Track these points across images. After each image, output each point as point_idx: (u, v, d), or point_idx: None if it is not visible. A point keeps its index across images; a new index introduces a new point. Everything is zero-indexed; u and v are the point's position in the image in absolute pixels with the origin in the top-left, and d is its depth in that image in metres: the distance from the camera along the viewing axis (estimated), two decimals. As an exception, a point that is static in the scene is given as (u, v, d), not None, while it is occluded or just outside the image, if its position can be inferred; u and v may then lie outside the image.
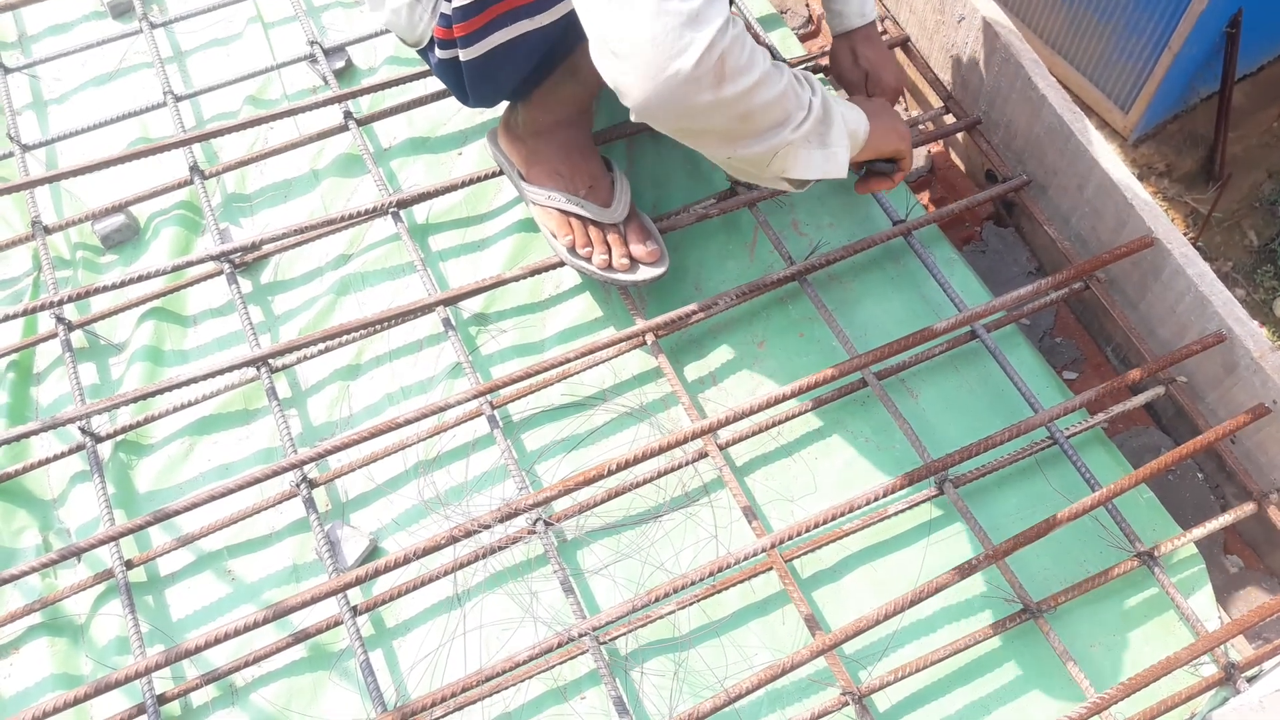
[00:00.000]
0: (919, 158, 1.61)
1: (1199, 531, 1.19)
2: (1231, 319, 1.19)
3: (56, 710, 1.03)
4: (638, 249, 1.28)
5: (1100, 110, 1.70)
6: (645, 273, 1.28)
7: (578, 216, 1.29)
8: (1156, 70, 1.55)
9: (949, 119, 1.54)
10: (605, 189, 1.30)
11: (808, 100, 0.98)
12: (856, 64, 1.38)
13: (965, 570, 1.09)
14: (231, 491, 1.16)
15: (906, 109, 1.69)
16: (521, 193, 1.35)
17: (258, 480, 1.17)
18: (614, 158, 1.47)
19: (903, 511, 1.21)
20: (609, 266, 1.28)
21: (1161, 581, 1.16)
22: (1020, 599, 1.14)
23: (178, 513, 1.15)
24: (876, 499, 1.14)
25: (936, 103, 1.57)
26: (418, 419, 1.21)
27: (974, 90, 1.49)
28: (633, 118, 0.91)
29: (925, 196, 1.60)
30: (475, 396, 1.24)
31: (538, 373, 1.26)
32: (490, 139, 1.39)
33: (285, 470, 1.17)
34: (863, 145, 1.13)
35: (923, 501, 1.21)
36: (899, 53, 1.60)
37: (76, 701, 1.02)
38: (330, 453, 1.19)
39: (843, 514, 1.13)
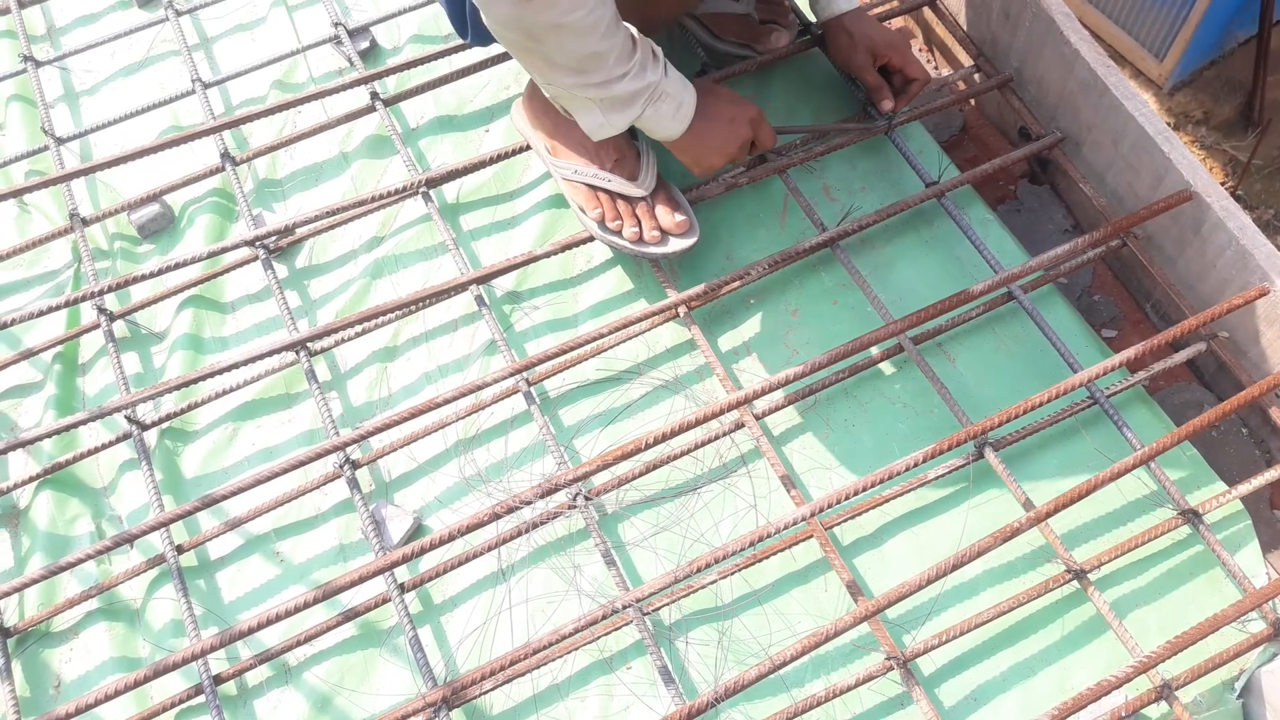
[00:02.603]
0: (950, 117, 1.59)
1: (1244, 488, 1.18)
2: (1275, 271, 1.17)
3: (119, 693, 1.06)
4: (667, 221, 1.28)
5: (1134, 59, 1.67)
6: (676, 244, 1.28)
7: (606, 191, 1.29)
8: (1192, 15, 1.51)
9: (979, 77, 1.52)
10: (632, 161, 1.30)
11: (615, 76, 1.09)
12: (856, 46, 1.36)
13: (1007, 533, 1.08)
14: (277, 474, 1.18)
15: (937, 68, 1.66)
16: (549, 167, 1.35)
17: (302, 463, 1.19)
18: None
19: (943, 476, 1.20)
20: (640, 240, 1.28)
21: (1207, 539, 1.15)
22: (1063, 560, 1.14)
23: (226, 497, 1.18)
24: (916, 464, 1.13)
25: (967, 61, 1.55)
26: (456, 398, 1.23)
27: (1004, 47, 1.46)
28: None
29: (958, 156, 1.58)
30: (512, 374, 1.24)
31: (572, 348, 1.27)
32: (515, 112, 1.39)
33: (329, 452, 1.19)
34: (663, 140, 1.21)
35: (963, 466, 1.20)
36: (927, 11, 1.57)
37: (137, 684, 1.05)
38: (372, 434, 1.21)
39: (882, 480, 1.13)
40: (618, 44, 1.07)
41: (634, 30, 1.11)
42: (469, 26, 1.25)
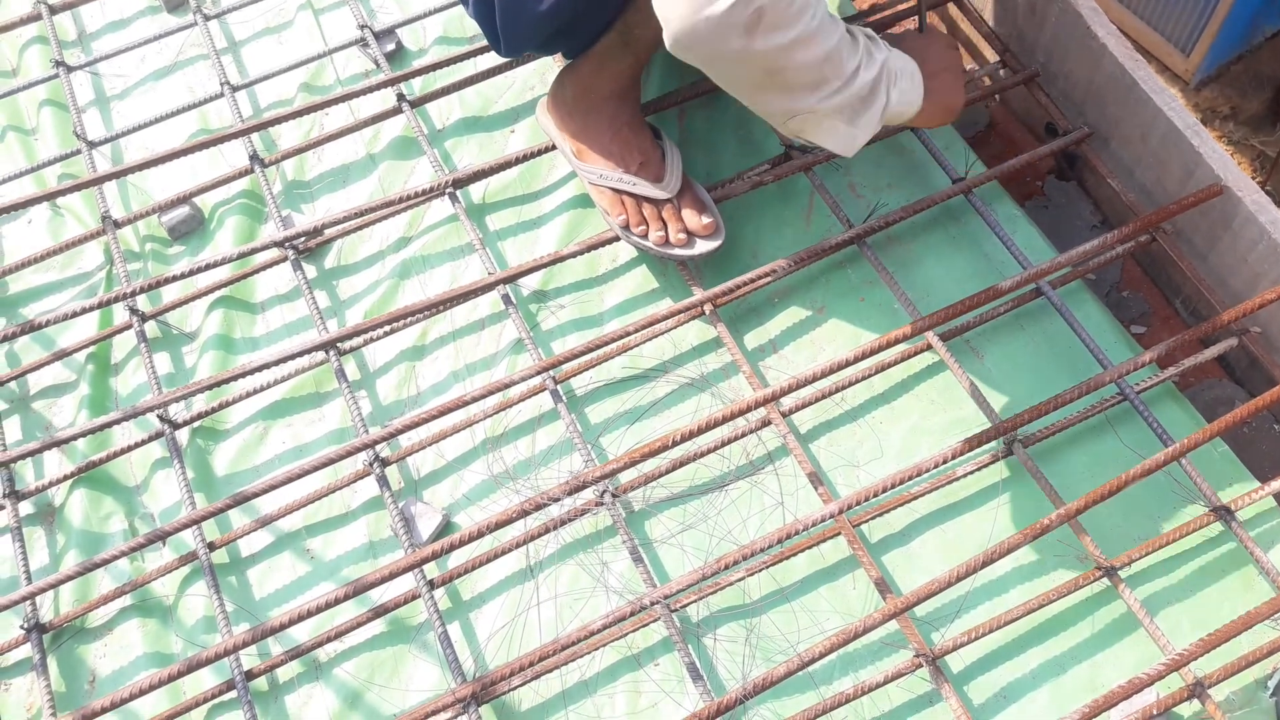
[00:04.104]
0: (976, 113, 1.58)
1: (1277, 484, 1.16)
2: (1307, 266, 1.16)
3: (152, 687, 1.07)
4: (694, 223, 1.28)
5: (1160, 54, 1.66)
6: (702, 246, 1.28)
7: (630, 195, 1.29)
8: (1218, 9, 1.50)
9: (1005, 73, 1.51)
10: (657, 164, 1.30)
11: (851, 71, 0.99)
12: None
13: (1037, 530, 1.08)
14: (307, 472, 1.19)
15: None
16: (575, 169, 1.35)
17: (331, 461, 1.20)
18: (666, 125, 1.47)
19: (971, 473, 1.20)
20: (666, 243, 1.28)
21: (1239, 536, 1.14)
22: (1094, 558, 1.13)
23: (257, 494, 1.19)
24: (945, 461, 1.13)
25: (992, 57, 1.54)
26: (483, 395, 1.23)
27: (1031, 42, 1.46)
28: (668, 46, 0.93)
29: (984, 153, 1.57)
30: (538, 372, 1.25)
31: (598, 346, 1.27)
32: (541, 113, 1.40)
33: (358, 450, 1.20)
34: (907, 120, 1.13)
35: (992, 463, 1.20)
36: (952, 7, 1.57)
37: (170, 679, 1.06)
38: (400, 432, 1.21)
39: (910, 477, 1.13)
40: (841, 34, 0.97)
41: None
42: (500, 40, 1.24)
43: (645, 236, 1.29)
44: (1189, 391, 1.32)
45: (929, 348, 1.27)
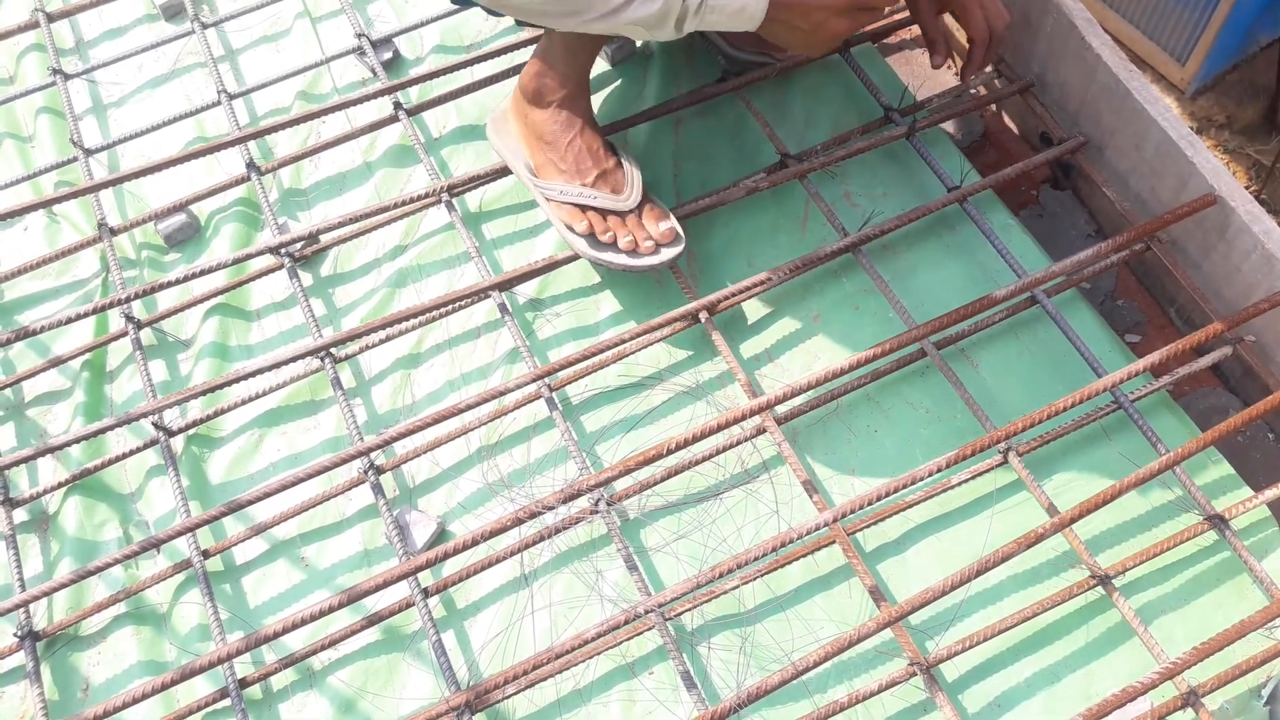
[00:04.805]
0: (972, 123, 1.59)
1: (1271, 493, 1.16)
2: (1300, 275, 1.16)
3: (145, 696, 1.07)
4: (655, 231, 1.28)
5: (1155, 63, 1.67)
6: (666, 254, 1.28)
7: (593, 208, 1.29)
8: (1214, 19, 1.51)
9: (1000, 83, 1.52)
10: (615, 175, 1.30)
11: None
12: None
13: (1031, 539, 1.08)
14: (301, 479, 1.19)
15: (957, 74, 1.66)
16: (530, 187, 1.34)
17: (326, 468, 1.20)
18: (661, 134, 1.48)
19: (966, 482, 1.20)
20: (635, 250, 1.27)
21: (1233, 545, 1.14)
22: (1088, 566, 1.13)
23: (251, 502, 1.19)
24: (939, 470, 1.14)
25: (987, 67, 1.54)
26: (479, 403, 1.23)
27: (1025, 52, 1.46)
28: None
29: (979, 162, 1.58)
30: (534, 380, 1.25)
31: (594, 354, 1.27)
32: (491, 133, 1.39)
33: (353, 457, 1.20)
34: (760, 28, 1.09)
35: (986, 471, 1.20)
36: (947, 17, 1.57)
37: (164, 687, 1.06)
38: (395, 439, 1.22)
39: (905, 486, 1.13)
40: None
41: None
42: None
43: (614, 244, 1.28)
44: (1183, 400, 1.32)
45: (924, 356, 1.27)
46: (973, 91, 1.53)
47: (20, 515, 1.31)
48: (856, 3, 1.09)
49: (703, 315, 1.30)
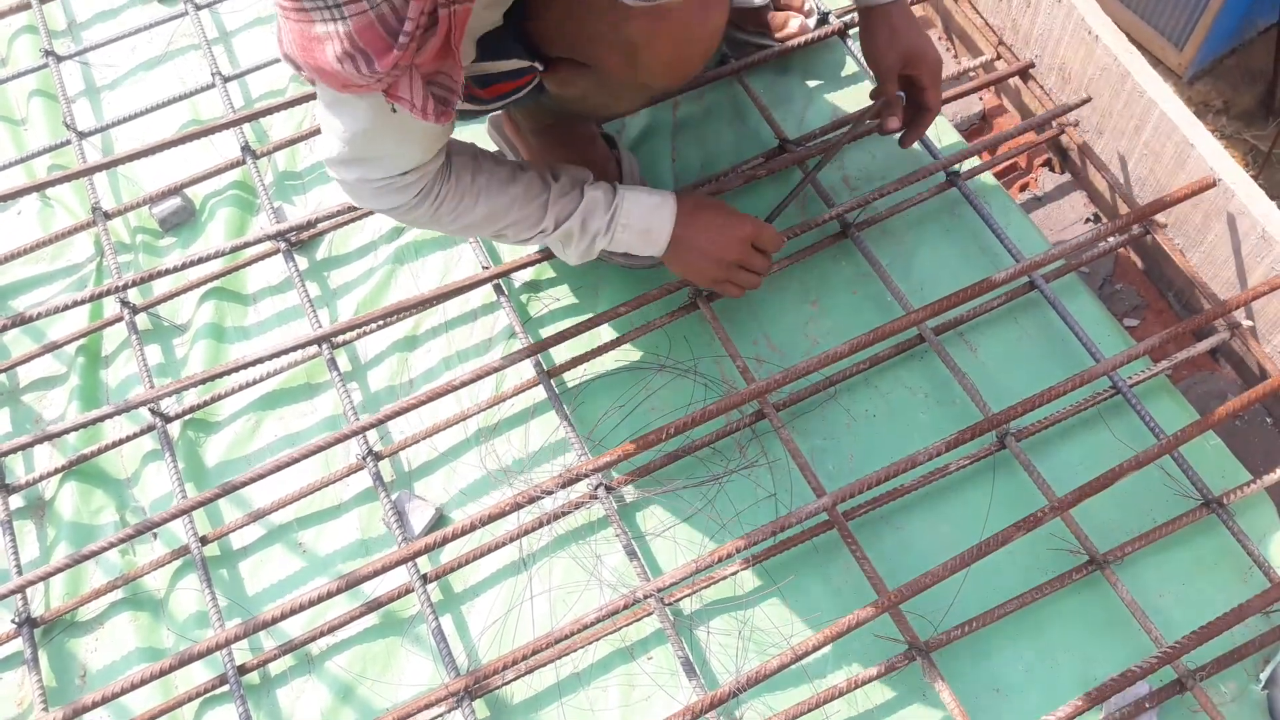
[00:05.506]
0: (970, 104, 1.58)
1: (1269, 477, 1.17)
2: (1300, 260, 1.16)
3: (144, 682, 1.07)
4: None
5: (1153, 48, 1.66)
6: None
7: None
8: (1211, 3, 1.50)
9: (1000, 65, 1.51)
10: (614, 175, 1.30)
11: (542, 228, 1.11)
12: (894, 45, 1.21)
13: (1030, 523, 1.08)
14: (297, 460, 1.19)
15: (956, 56, 1.65)
16: None
17: (321, 448, 1.20)
18: (660, 119, 1.47)
19: (964, 466, 1.20)
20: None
21: (1231, 529, 1.14)
22: (1086, 550, 1.13)
23: (246, 483, 1.19)
24: (937, 454, 1.13)
25: (988, 50, 1.54)
26: (474, 380, 1.23)
27: (1025, 35, 1.46)
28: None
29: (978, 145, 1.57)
30: (528, 355, 1.25)
31: (589, 328, 1.27)
32: (493, 125, 1.39)
33: (349, 436, 1.20)
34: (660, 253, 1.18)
35: (985, 456, 1.20)
36: (946, -1, 1.57)
37: (163, 673, 1.06)
38: (391, 417, 1.22)
39: (903, 470, 1.13)
40: (515, 216, 1.09)
41: (555, 178, 1.12)
42: None
43: None
44: (1182, 385, 1.32)
45: (922, 341, 1.27)
46: (971, 75, 1.52)
47: (16, 501, 1.31)
48: (744, 259, 1.19)
49: (701, 301, 1.29)
